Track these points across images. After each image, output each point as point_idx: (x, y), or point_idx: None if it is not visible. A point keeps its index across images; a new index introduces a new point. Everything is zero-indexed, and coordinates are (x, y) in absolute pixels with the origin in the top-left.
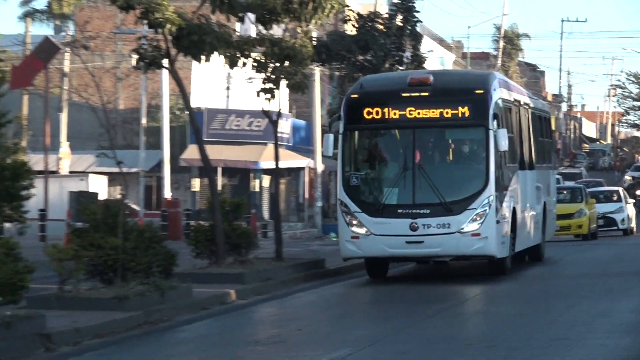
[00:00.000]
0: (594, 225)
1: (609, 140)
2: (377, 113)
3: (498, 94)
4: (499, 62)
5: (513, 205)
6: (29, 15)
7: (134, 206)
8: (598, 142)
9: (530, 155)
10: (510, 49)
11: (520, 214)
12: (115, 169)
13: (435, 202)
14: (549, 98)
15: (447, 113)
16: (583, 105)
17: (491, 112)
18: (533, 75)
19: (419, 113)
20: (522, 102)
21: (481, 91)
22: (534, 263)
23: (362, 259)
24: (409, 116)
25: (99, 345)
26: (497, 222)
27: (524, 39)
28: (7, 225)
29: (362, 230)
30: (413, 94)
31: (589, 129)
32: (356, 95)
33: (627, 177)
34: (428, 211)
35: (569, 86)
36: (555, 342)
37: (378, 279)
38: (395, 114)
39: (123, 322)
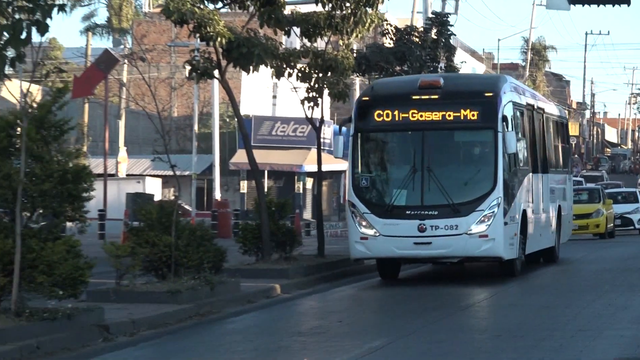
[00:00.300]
0: (611, 225)
1: (630, 145)
2: (387, 115)
3: (508, 97)
4: (527, 72)
5: (523, 208)
6: (90, 29)
7: (187, 207)
8: (619, 147)
9: (544, 158)
10: (538, 60)
11: (532, 217)
12: (169, 172)
13: (443, 204)
14: (574, 106)
15: (456, 115)
16: (605, 113)
17: (500, 115)
18: (559, 85)
19: (428, 115)
20: (535, 107)
21: (491, 94)
22: (559, 259)
23: (371, 259)
24: (418, 118)
25: (153, 335)
26: (505, 223)
27: (551, 51)
28: (69, 224)
29: (371, 232)
30: (423, 97)
31: (611, 135)
32: (367, 98)
33: None
34: (436, 212)
35: (592, 95)
36: (579, 333)
37: (389, 279)
38: (405, 116)
39: (175, 314)
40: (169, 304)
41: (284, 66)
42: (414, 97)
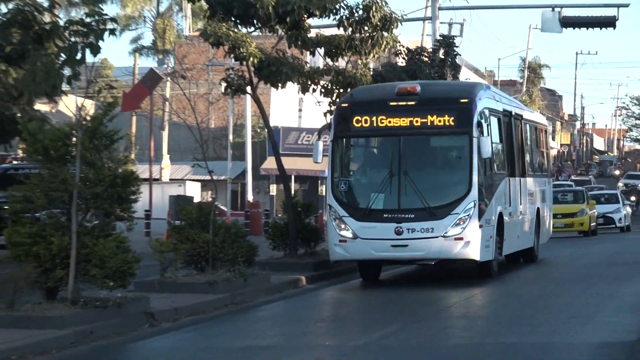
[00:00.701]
0: (594, 224)
1: (615, 152)
2: (365, 121)
3: (484, 104)
4: (524, 88)
5: (500, 211)
6: (137, 50)
7: (223, 207)
8: (606, 154)
9: (522, 163)
10: (534, 77)
11: (508, 219)
12: (207, 177)
13: (419, 207)
14: (566, 117)
15: (432, 121)
16: (594, 124)
17: (475, 121)
18: (552, 99)
19: (405, 121)
20: (513, 113)
21: (466, 100)
22: (550, 254)
23: (350, 261)
24: (395, 124)
25: (193, 321)
26: (481, 226)
27: (545, 69)
28: (118, 223)
29: (350, 234)
30: (400, 103)
31: (599, 143)
32: (346, 105)
33: (620, 184)
34: (412, 216)
35: (582, 108)
36: (570, 320)
37: (369, 281)
38: (382, 122)
39: (213, 303)
40: (207, 293)
41: (309, 82)
42: (391, 104)
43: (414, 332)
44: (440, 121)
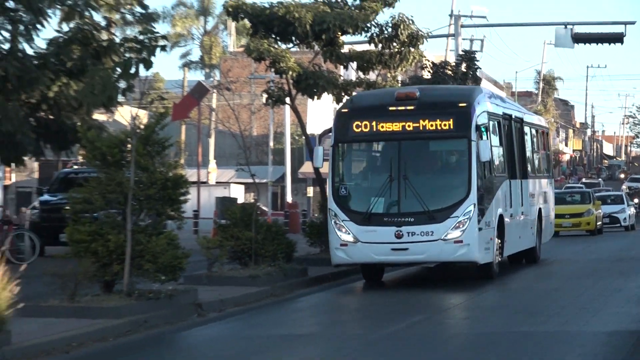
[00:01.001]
0: (600, 223)
1: (623, 157)
2: (365, 126)
3: (482, 108)
4: (540, 98)
5: (500, 213)
6: (186, 65)
7: (264, 208)
8: (615, 159)
9: (523, 165)
10: (548, 89)
11: (509, 221)
12: (250, 180)
13: (419, 211)
14: (577, 125)
15: (431, 125)
16: (603, 131)
17: (474, 125)
18: (565, 108)
19: (404, 126)
20: (513, 117)
21: (464, 104)
22: (560, 252)
23: (351, 265)
24: (395, 129)
25: (237, 312)
26: (480, 229)
27: (558, 81)
28: (169, 222)
29: (350, 238)
30: (399, 108)
31: (608, 149)
32: (346, 110)
33: (624, 187)
34: (412, 219)
35: (593, 116)
36: (581, 310)
37: (371, 283)
38: (382, 127)
39: (255, 295)
40: (250, 286)
41: (343, 94)
42: (390, 108)
43: (438, 321)
44: (439, 125)
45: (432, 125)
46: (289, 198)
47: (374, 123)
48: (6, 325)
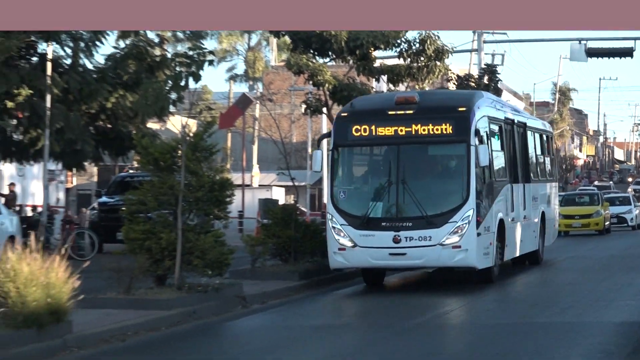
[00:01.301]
0: (608, 223)
1: (633, 162)
2: (364, 130)
3: (482, 112)
4: (556, 108)
5: (500, 217)
6: (232, 78)
7: (303, 208)
8: (625, 164)
9: (525, 169)
10: (564, 99)
11: (510, 225)
12: (290, 183)
13: (417, 216)
14: (591, 132)
15: (430, 130)
16: (614, 138)
17: (473, 129)
18: (579, 117)
19: (403, 130)
20: (515, 121)
21: (464, 109)
22: (571, 250)
23: (349, 269)
24: (394, 133)
25: (279, 304)
26: (479, 234)
27: (573, 92)
28: (216, 221)
29: (348, 243)
30: (399, 112)
31: (619, 154)
32: (346, 114)
33: (630, 190)
34: (410, 224)
35: (605, 124)
36: (595, 303)
37: (373, 286)
38: (381, 131)
39: (295, 288)
40: (290, 280)
41: None
42: (390, 113)
43: (462, 312)
44: (438, 130)
45: (431, 130)
46: (325, 199)
47: (373, 127)
48: (68, 315)
